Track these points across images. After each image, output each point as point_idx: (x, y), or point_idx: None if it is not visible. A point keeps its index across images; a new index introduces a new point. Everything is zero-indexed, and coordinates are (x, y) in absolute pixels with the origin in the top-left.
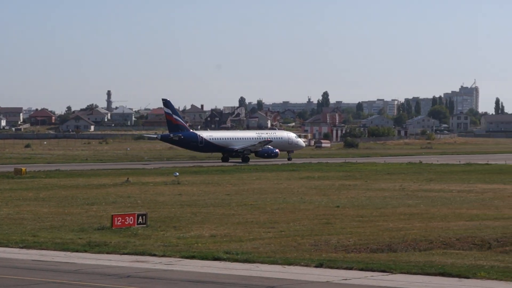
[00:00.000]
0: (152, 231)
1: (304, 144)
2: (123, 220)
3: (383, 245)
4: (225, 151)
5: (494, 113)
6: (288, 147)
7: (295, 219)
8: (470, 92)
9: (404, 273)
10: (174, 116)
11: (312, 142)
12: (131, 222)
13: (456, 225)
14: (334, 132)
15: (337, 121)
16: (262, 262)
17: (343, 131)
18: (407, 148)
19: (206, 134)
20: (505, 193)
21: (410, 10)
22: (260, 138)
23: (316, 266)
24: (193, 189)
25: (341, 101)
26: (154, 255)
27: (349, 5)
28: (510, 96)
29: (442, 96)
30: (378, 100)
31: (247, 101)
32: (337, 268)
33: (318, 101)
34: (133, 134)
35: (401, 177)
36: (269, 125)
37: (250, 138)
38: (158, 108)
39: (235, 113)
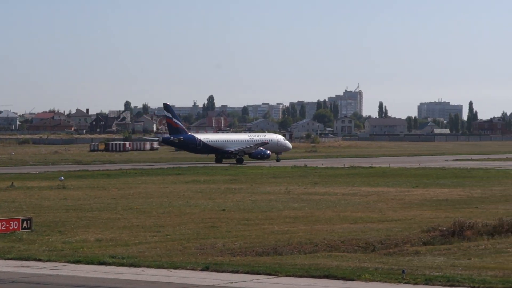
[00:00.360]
0: (37, 236)
1: (291, 146)
2: (7, 225)
3: (269, 248)
4: (220, 152)
5: (377, 116)
6: (277, 149)
7: (181, 223)
8: (354, 96)
9: (290, 275)
10: (174, 120)
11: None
12: (15, 227)
13: (340, 227)
14: None
15: (222, 125)
16: (148, 266)
17: None
18: (292, 152)
19: (203, 137)
20: (389, 196)
21: (296, 14)
22: (252, 140)
23: (202, 270)
24: (78, 193)
25: (226, 105)
26: (39, 260)
27: (233, 9)
28: (393, 100)
29: (327, 100)
30: (263, 104)
31: (132, 105)
32: (223, 271)
33: (204, 105)
34: (17, 138)
35: (286, 181)
36: (154, 129)
37: (243, 141)
38: (43, 112)
39: (121, 117)
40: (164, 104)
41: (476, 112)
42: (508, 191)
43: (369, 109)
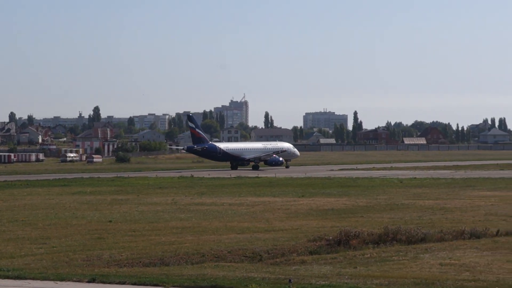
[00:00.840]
0: None
1: (299, 153)
2: None
3: (156, 259)
4: (238, 160)
5: (263, 126)
6: (288, 156)
7: (67, 235)
8: (240, 107)
9: (177, 286)
10: (197, 130)
11: (84, 157)
12: None
13: (227, 238)
14: (106, 147)
15: (108, 136)
16: (33, 278)
17: (115, 146)
18: (179, 163)
19: (223, 146)
20: (275, 206)
21: (178, 23)
22: (266, 148)
23: (88, 281)
24: None
25: (112, 116)
26: None
27: (110, 19)
28: (279, 110)
29: (213, 110)
30: (149, 114)
31: (17, 116)
32: (110, 283)
33: (90, 116)
34: None
35: (173, 191)
36: (40, 140)
37: (259, 149)
38: None
39: (5, 128)
40: (187, 115)
41: (361, 122)
42: (393, 199)
43: (255, 120)
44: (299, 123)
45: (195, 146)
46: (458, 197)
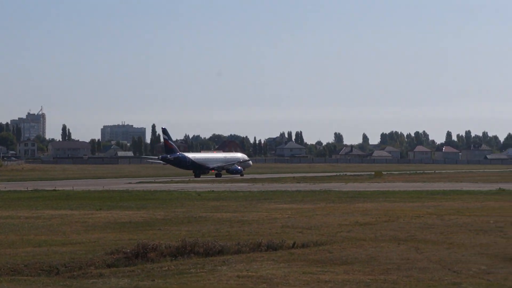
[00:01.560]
0: None
1: (251, 163)
2: None
3: None
4: (203, 168)
5: (61, 139)
6: (243, 165)
7: None
8: (37, 119)
9: None
10: (169, 142)
11: None
12: None
13: (24, 251)
14: None
15: None
16: None
17: None
18: None
19: (192, 156)
20: (73, 219)
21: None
22: (226, 158)
23: None
24: None
25: None
26: None
27: None
28: (77, 123)
29: (9, 122)
30: None
31: None
32: None
33: None
34: None
35: None
36: None
37: (220, 159)
38: None
39: None
40: (162, 128)
41: (159, 135)
42: (191, 212)
43: (53, 132)
44: (97, 136)
45: (168, 156)
46: (256, 209)
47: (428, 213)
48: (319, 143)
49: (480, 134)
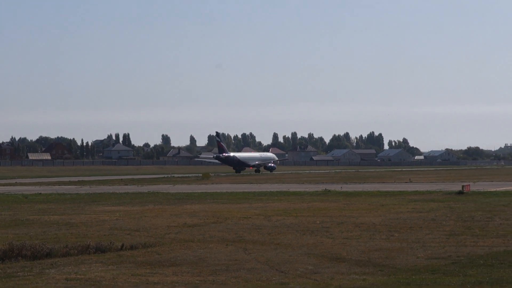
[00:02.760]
0: None
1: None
2: None
3: None
4: (245, 166)
5: None
6: (275, 164)
7: None
8: None
9: None
10: (222, 143)
11: None
12: None
13: None
14: None
15: None
16: None
17: None
18: None
19: (238, 155)
20: None
21: None
22: (261, 157)
23: None
24: None
25: None
26: None
27: None
28: None
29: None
30: None
31: None
32: None
33: None
34: None
35: None
36: None
37: (258, 157)
38: None
39: None
40: (216, 132)
41: None
42: (18, 215)
43: None
44: None
45: (221, 155)
46: (84, 212)
47: (256, 214)
48: (146, 145)
49: (306, 136)
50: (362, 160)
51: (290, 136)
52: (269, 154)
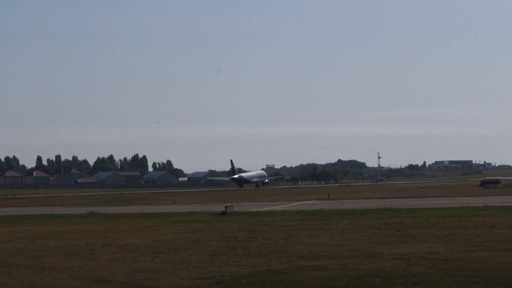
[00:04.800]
0: None
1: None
2: None
3: None
4: (249, 183)
5: None
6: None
7: None
8: None
9: None
10: (234, 167)
11: None
12: None
13: None
14: None
15: None
16: None
17: None
18: None
19: (244, 175)
20: None
21: None
22: (258, 175)
23: None
24: None
25: None
26: None
27: None
28: None
29: None
30: None
31: None
32: None
33: None
34: None
35: None
36: None
37: (256, 175)
38: None
39: None
40: (230, 160)
41: None
42: None
43: None
44: None
45: (234, 176)
46: None
47: (20, 238)
48: None
49: (70, 158)
50: (127, 182)
51: (54, 159)
52: (262, 172)
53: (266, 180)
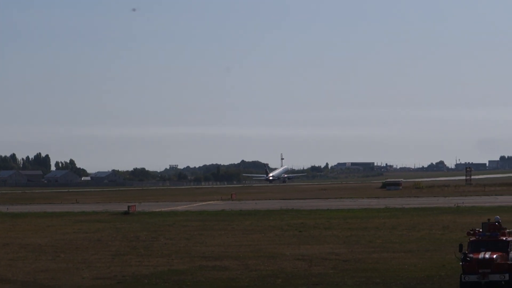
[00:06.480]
0: None
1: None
2: None
3: None
4: (278, 179)
5: None
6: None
7: None
8: None
9: None
10: (267, 168)
11: None
12: None
13: None
14: None
15: None
16: None
17: None
18: None
19: (274, 173)
20: None
21: None
22: (286, 170)
23: None
24: None
25: None
26: None
27: None
28: None
29: None
30: None
31: None
32: None
33: None
34: None
35: None
36: None
37: (282, 172)
38: None
39: None
40: (265, 164)
41: None
42: None
43: None
44: None
45: (269, 177)
46: None
47: None
48: None
49: None
50: (29, 181)
51: None
52: (286, 168)
53: (287, 176)
